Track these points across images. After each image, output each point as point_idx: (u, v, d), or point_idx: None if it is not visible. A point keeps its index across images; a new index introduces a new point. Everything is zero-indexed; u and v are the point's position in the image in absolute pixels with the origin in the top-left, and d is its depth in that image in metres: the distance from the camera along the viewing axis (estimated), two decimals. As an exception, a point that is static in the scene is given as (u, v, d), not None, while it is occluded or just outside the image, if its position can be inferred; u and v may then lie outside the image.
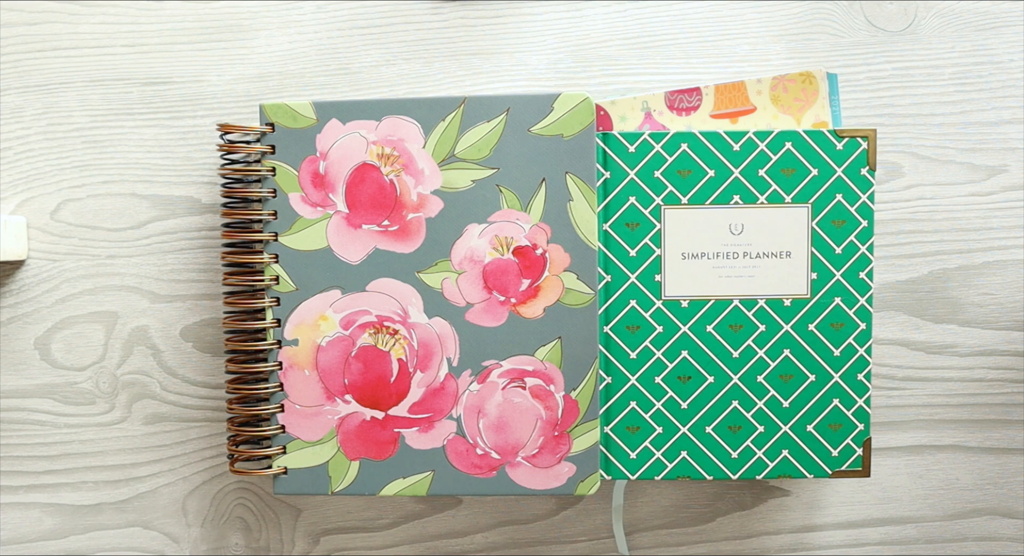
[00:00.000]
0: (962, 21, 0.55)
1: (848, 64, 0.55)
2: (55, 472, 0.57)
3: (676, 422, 0.52)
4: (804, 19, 0.55)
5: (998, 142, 0.55)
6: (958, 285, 0.56)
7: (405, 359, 0.51)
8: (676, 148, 0.51)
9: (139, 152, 0.56)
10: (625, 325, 0.52)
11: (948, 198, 0.55)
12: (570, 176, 0.50)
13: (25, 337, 0.56)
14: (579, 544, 0.57)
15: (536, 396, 0.51)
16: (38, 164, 0.56)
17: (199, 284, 0.56)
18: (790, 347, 0.52)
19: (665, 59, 0.55)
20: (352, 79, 0.55)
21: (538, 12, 0.55)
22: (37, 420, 0.56)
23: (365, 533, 0.57)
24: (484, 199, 0.51)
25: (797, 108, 0.53)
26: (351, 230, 0.51)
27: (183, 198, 0.56)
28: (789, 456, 0.52)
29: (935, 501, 0.56)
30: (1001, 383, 0.56)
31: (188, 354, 0.56)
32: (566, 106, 0.50)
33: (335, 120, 0.51)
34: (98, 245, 0.56)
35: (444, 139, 0.50)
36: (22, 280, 0.56)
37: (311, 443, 0.51)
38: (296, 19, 0.55)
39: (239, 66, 0.56)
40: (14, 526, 0.57)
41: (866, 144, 0.51)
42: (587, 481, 0.51)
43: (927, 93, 0.55)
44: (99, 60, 0.56)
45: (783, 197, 0.51)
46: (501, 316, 0.51)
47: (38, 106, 0.56)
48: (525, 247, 0.51)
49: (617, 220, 0.52)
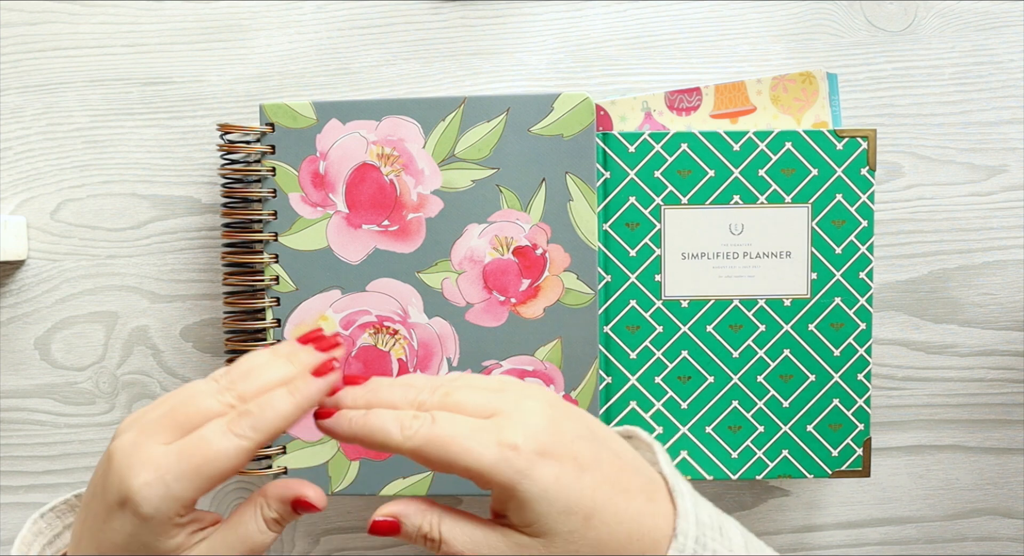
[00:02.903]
0: (962, 21, 0.55)
1: (848, 64, 0.55)
2: (55, 472, 0.57)
3: (676, 422, 0.52)
4: (804, 19, 0.55)
5: (998, 142, 0.55)
6: (958, 285, 0.55)
7: (405, 359, 0.51)
8: (676, 148, 0.51)
9: (139, 152, 0.56)
10: (625, 325, 0.52)
11: (948, 198, 0.55)
12: (570, 176, 0.50)
13: (25, 337, 0.56)
14: (579, 544, 0.57)
15: (536, 396, 0.51)
16: (38, 164, 0.56)
17: (199, 284, 0.56)
18: (790, 347, 0.52)
19: (665, 59, 0.55)
20: (352, 79, 0.55)
21: (538, 12, 0.55)
22: (37, 420, 0.56)
23: (365, 533, 0.57)
24: (484, 199, 0.51)
25: (797, 108, 0.53)
26: (351, 230, 0.51)
27: (183, 198, 0.56)
28: (789, 456, 0.52)
29: (935, 501, 0.56)
30: (1001, 383, 0.56)
31: (188, 354, 0.56)
32: (566, 106, 0.50)
33: (335, 120, 0.51)
34: (98, 245, 0.56)
35: (444, 139, 0.50)
36: (22, 280, 0.56)
37: (311, 443, 0.51)
38: (296, 19, 0.55)
39: (239, 66, 0.56)
40: (14, 526, 0.57)
41: (866, 144, 0.51)
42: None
43: (927, 93, 0.55)
44: (99, 60, 0.56)
45: (783, 197, 0.51)
46: (501, 316, 0.51)
47: (38, 106, 0.56)
48: (525, 247, 0.51)
49: (617, 220, 0.52)
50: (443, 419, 0.35)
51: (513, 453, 0.34)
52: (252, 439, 0.34)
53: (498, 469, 0.34)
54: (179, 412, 0.34)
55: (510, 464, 0.34)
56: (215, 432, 0.33)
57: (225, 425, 0.34)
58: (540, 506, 0.34)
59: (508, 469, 0.34)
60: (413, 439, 0.34)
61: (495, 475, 0.34)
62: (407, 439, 0.35)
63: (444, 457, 0.34)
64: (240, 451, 0.33)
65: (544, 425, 0.35)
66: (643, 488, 0.36)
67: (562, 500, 0.34)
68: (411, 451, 0.35)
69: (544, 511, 0.34)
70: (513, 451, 0.34)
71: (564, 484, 0.34)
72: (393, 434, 0.35)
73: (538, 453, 0.34)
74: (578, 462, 0.35)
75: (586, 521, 0.34)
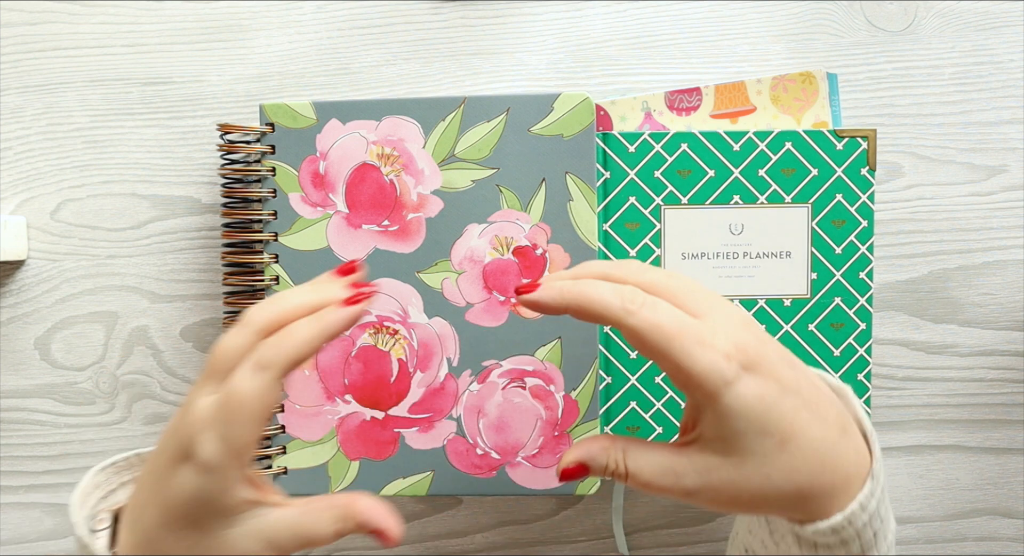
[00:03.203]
0: (962, 21, 0.55)
1: (848, 64, 0.55)
2: (55, 472, 0.57)
3: (676, 422, 0.52)
4: (804, 19, 0.55)
5: (998, 142, 0.55)
6: (958, 285, 0.55)
7: (405, 359, 0.51)
8: (676, 148, 0.51)
9: (139, 152, 0.56)
10: (625, 325, 0.52)
11: (948, 198, 0.55)
12: (570, 176, 0.50)
13: (25, 337, 0.56)
14: (579, 544, 0.57)
15: (536, 396, 0.51)
16: (38, 164, 0.56)
17: (199, 284, 0.56)
18: (790, 347, 0.52)
19: (665, 59, 0.55)
20: (352, 79, 0.55)
21: (538, 12, 0.55)
22: (37, 420, 0.56)
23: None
24: (484, 199, 0.51)
25: (797, 108, 0.53)
26: (351, 230, 0.51)
27: (183, 198, 0.56)
28: (789, 456, 0.52)
29: (935, 501, 0.56)
30: (1001, 383, 0.56)
31: (188, 354, 0.56)
32: (566, 106, 0.50)
33: (335, 120, 0.51)
34: (98, 245, 0.56)
35: (444, 139, 0.50)
36: (22, 280, 0.56)
37: (311, 443, 0.51)
38: (296, 19, 0.55)
39: (239, 66, 0.56)
40: (14, 526, 0.57)
41: (866, 144, 0.51)
42: (587, 481, 0.51)
43: (927, 93, 0.55)
44: (99, 60, 0.56)
45: (783, 197, 0.51)
46: (501, 316, 0.51)
47: (38, 106, 0.56)
48: (525, 247, 0.51)
49: (617, 220, 0.52)
50: (665, 309, 0.35)
51: (724, 362, 0.34)
52: (276, 368, 0.33)
53: (707, 376, 0.33)
54: (215, 360, 0.35)
55: (721, 374, 0.33)
56: (242, 374, 0.33)
57: (250, 363, 0.34)
58: (738, 422, 0.34)
59: (718, 378, 0.33)
60: (635, 316, 0.34)
61: (703, 380, 0.33)
62: (628, 314, 0.34)
63: (662, 348, 0.34)
64: (266, 385, 0.33)
65: (752, 342, 0.35)
66: (838, 421, 0.36)
67: (762, 419, 0.34)
68: (629, 328, 0.34)
69: (742, 428, 0.34)
70: (725, 360, 0.34)
71: (767, 403, 0.34)
72: (613, 306, 0.34)
73: (745, 367, 0.34)
74: (781, 384, 0.34)
75: (781, 445, 0.34)
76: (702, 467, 0.35)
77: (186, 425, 0.34)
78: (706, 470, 0.35)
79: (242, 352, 0.34)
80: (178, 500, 0.34)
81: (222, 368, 0.34)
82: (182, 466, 0.33)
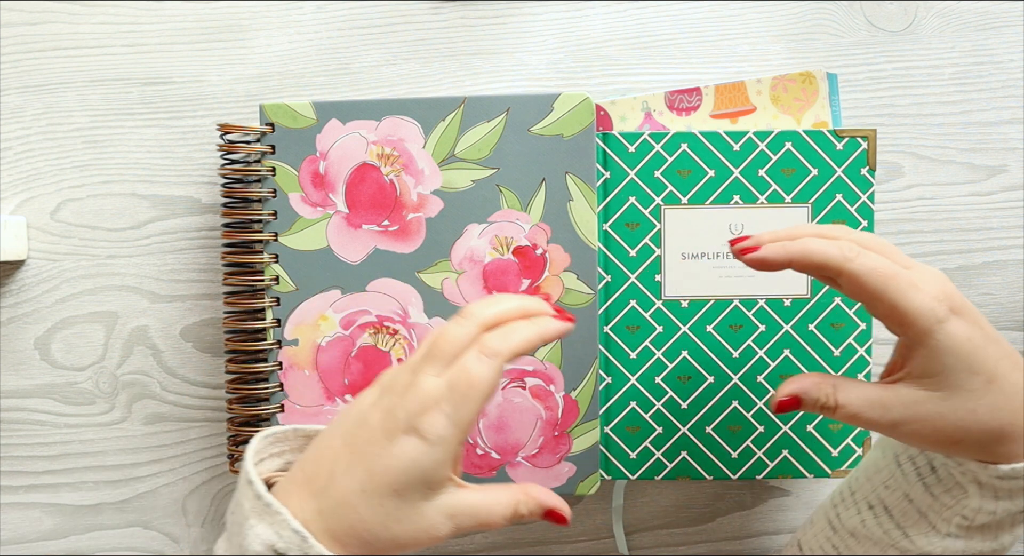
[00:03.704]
0: (962, 21, 0.55)
1: (848, 64, 0.55)
2: (55, 472, 0.57)
3: (676, 422, 0.52)
4: (804, 19, 0.55)
5: (998, 142, 0.55)
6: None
7: (405, 359, 0.51)
8: (676, 148, 0.51)
9: (139, 152, 0.56)
10: (625, 325, 0.52)
11: (948, 198, 0.55)
12: (570, 176, 0.50)
13: (25, 337, 0.56)
14: (579, 544, 0.57)
15: (536, 396, 0.51)
16: (38, 164, 0.56)
17: (199, 284, 0.56)
18: (790, 347, 0.52)
19: (665, 59, 0.55)
20: (352, 79, 0.55)
21: (538, 12, 0.55)
22: (37, 420, 0.56)
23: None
24: (484, 199, 0.51)
25: (797, 108, 0.53)
26: (351, 230, 0.51)
27: (183, 198, 0.56)
28: (789, 456, 0.52)
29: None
30: (1001, 383, 0.56)
31: (188, 354, 0.56)
32: (566, 106, 0.50)
33: (335, 120, 0.51)
34: (98, 245, 0.56)
35: (444, 139, 0.50)
36: (22, 280, 0.56)
37: (311, 443, 0.51)
38: (296, 19, 0.55)
39: (239, 66, 0.56)
40: (14, 526, 0.57)
41: (866, 144, 0.51)
42: (587, 481, 0.51)
43: (927, 93, 0.55)
44: (99, 60, 0.56)
45: (783, 197, 0.51)
46: (501, 316, 0.51)
47: (38, 106, 0.56)
48: (525, 247, 0.51)
49: (617, 220, 0.52)
50: (879, 257, 0.39)
51: (937, 303, 0.37)
52: (503, 356, 0.37)
53: (921, 314, 0.37)
54: (438, 347, 0.37)
55: (934, 313, 0.37)
56: (471, 359, 0.36)
57: (477, 351, 0.37)
58: (948, 359, 0.37)
59: (931, 316, 0.37)
60: (854, 262, 0.38)
61: (918, 318, 0.37)
62: (848, 261, 0.38)
63: (879, 289, 0.38)
64: (493, 370, 0.36)
65: (956, 294, 0.38)
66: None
67: (970, 358, 0.37)
68: (849, 272, 0.38)
69: (951, 364, 0.37)
70: (937, 301, 0.37)
71: (975, 344, 0.37)
72: (835, 255, 0.39)
73: (953, 311, 0.38)
74: (984, 331, 0.38)
75: (988, 384, 0.37)
76: (910, 400, 0.38)
77: (412, 401, 0.36)
78: (914, 403, 0.38)
79: (466, 341, 0.37)
80: (395, 468, 0.36)
81: (446, 353, 0.37)
82: (404, 437, 0.36)
